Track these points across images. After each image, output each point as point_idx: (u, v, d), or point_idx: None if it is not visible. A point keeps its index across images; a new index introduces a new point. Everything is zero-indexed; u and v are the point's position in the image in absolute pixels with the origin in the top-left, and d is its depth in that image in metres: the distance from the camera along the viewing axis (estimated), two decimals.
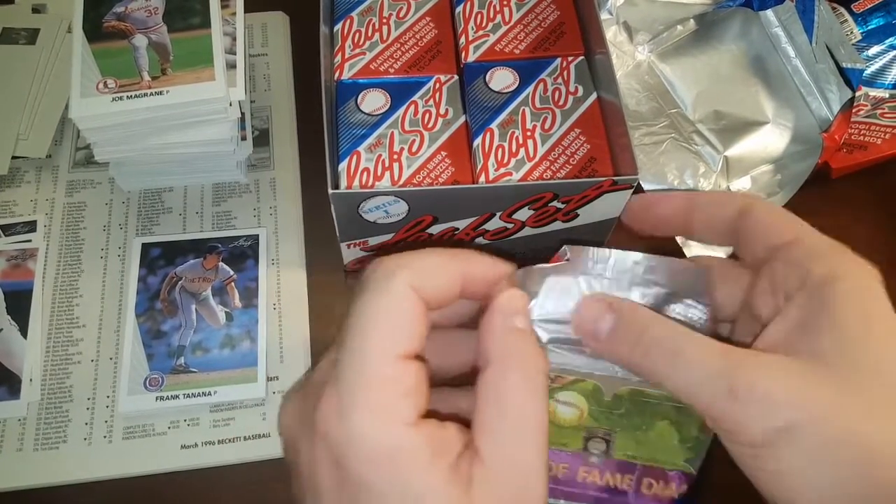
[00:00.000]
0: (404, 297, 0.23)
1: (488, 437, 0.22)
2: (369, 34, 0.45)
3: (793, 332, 0.24)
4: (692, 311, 0.26)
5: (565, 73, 0.44)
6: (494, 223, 0.40)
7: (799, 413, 0.22)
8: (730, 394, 0.22)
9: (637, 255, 0.27)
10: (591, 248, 0.26)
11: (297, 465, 0.24)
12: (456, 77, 0.44)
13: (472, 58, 0.44)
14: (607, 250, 0.27)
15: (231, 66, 0.44)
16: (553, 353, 0.27)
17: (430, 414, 0.23)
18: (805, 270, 0.25)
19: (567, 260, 0.26)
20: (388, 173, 0.40)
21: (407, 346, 0.22)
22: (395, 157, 0.40)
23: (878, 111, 0.48)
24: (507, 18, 0.46)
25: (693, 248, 0.46)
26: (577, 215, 0.40)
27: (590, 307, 0.26)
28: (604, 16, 0.51)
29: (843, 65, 0.46)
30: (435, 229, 0.40)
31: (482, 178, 0.40)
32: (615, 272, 0.27)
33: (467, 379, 0.26)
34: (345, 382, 0.22)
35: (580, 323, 0.26)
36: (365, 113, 0.42)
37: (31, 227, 0.47)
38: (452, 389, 0.26)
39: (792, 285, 0.25)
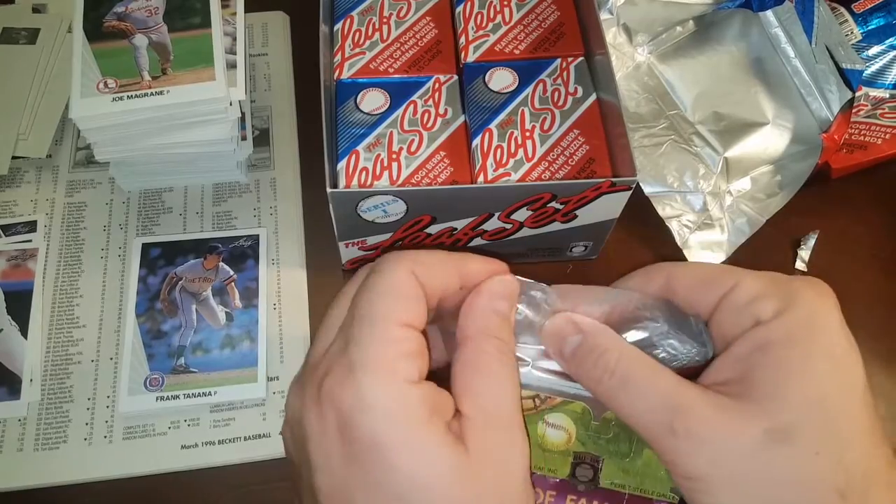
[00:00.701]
0: (407, 278, 0.25)
1: (469, 399, 0.25)
2: (369, 34, 0.45)
3: (733, 371, 0.25)
4: (686, 346, 0.26)
5: (565, 73, 0.44)
6: (493, 223, 0.40)
7: (724, 450, 0.23)
8: (669, 428, 0.23)
9: (636, 295, 0.28)
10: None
11: (302, 444, 0.25)
12: (455, 77, 0.44)
13: (471, 58, 0.44)
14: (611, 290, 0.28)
15: (231, 65, 0.44)
16: (540, 375, 0.27)
17: (429, 378, 0.25)
18: (744, 315, 0.25)
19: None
20: (386, 173, 0.40)
21: (410, 317, 0.25)
22: (394, 156, 0.40)
23: (879, 111, 0.48)
24: (507, 19, 0.46)
25: (693, 252, 0.46)
26: (576, 216, 0.40)
27: (558, 324, 0.27)
28: (604, 16, 0.51)
29: (843, 65, 0.46)
30: (433, 229, 0.40)
31: (481, 179, 0.40)
32: (613, 303, 0.27)
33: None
34: (354, 345, 0.24)
35: (548, 338, 0.27)
36: (364, 112, 0.42)
37: (31, 227, 0.48)
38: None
39: (733, 332, 0.25)
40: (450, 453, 0.23)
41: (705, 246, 0.47)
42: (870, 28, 0.49)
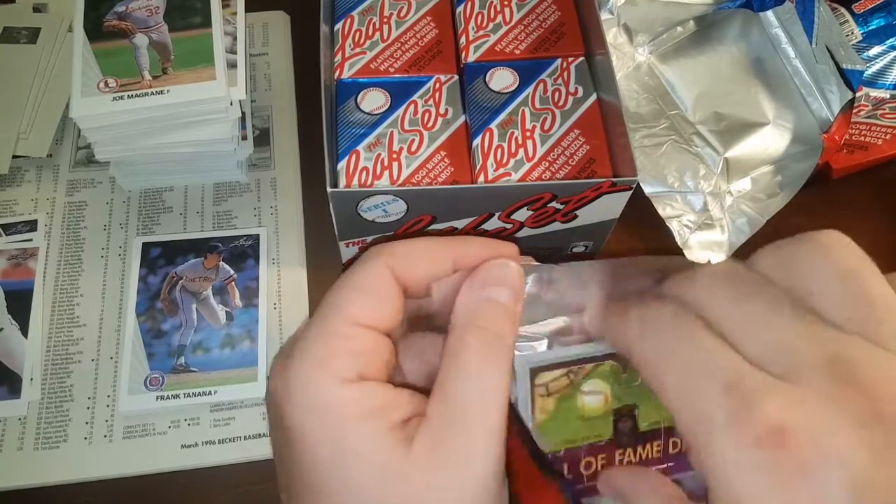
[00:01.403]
0: (379, 275, 0.24)
1: (437, 398, 0.22)
2: (370, 33, 0.45)
3: None
4: None
5: (565, 73, 0.44)
6: (493, 223, 0.40)
7: None
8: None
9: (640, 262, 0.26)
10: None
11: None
12: (456, 77, 0.44)
13: (472, 58, 0.44)
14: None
15: (232, 65, 0.44)
16: (564, 348, 0.26)
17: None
18: None
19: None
20: (387, 172, 0.40)
21: (371, 317, 0.23)
22: (395, 156, 0.40)
23: (879, 112, 0.48)
24: (507, 19, 0.46)
25: (693, 252, 0.46)
26: (576, 216, 0.40)
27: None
28: (605, 16, 0.51)
29: (843, 66, 0.46)
30: (434, 229, 0.40)
31: (481, 178, 0.40)
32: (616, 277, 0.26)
33: None
34: (300, 337, 0.23)
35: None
36: (364, 112, 0.42)
37: (31, 226, 0.48)
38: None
39: None
40: (380, 452, 0.21)
41: (705, 246, 0.46)
42: (870, 28, 0.49)
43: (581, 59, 0.44)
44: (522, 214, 0.39)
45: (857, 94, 0.46)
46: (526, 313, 0.25)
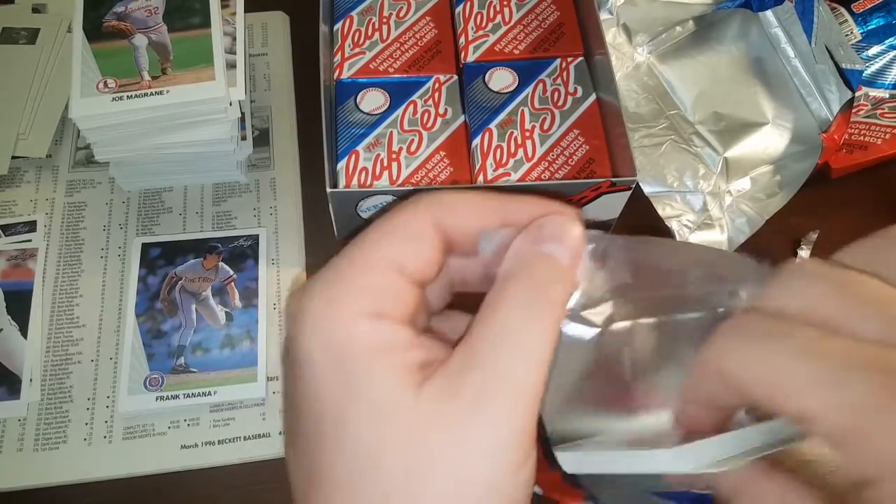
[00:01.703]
0: (418, 220, 0.21)
1: (463, 345, 0.19)
2: (369, 34, 0.45)
3: None
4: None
5: (565, 73, 0.44)
6: None
7: None
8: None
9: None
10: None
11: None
12: (455, 77, 0.44)
13: (471, 58, 0.44)
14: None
15: (231, 65, 0.44)
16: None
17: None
18: None
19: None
20: (386, 173, 0.40)
21: (401, 260, 0.21)
22: (394, 156, 0.40)
23: (878, 111, 0.48)
24: (506, 19, 0.46)
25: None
26: None
27: None
28: (604, 16, 0.51)
29: (843, 65, 0.46)
30: None
31: (480, 179, 0.40)
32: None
33: None
34: (326, 267, 0.21)
35: None
36: (364, 112, 0.42)
37: (31, 226, 0.48)
38: None
39: None
40: (387, 390, 0.19)
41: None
42: (869, 28, 0.49)
43: (580, 59, 0.44)
44: None
45: (857, 94, 0.46)
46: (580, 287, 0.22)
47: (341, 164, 0.40)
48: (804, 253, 0.47)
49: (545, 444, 0.23)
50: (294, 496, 0.21)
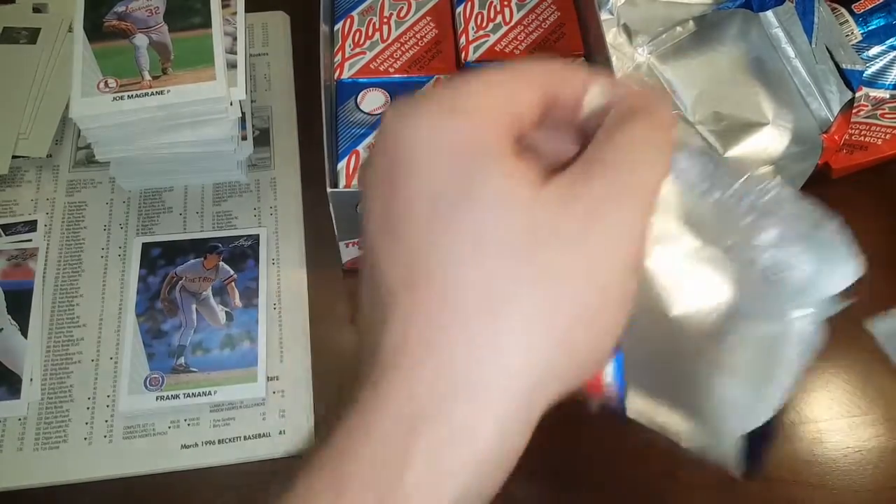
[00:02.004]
0: (530, 74, 0.21)
1: (581, 161, 0.19)
2: (369, 33, 0.45)
3: None
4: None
5: None
6: None
7: None
8: None
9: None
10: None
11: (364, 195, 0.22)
12: None
13: (472, 58, 0.44)
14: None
15: (232, 65, 0.44)
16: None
17: None
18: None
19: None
20: None
21: (517, 98, 0.20)
22: None
23: (879, 112, 0.48)
24: (507, 19, 0.46)
25: None
26: None
27: None
28: (604, 16, 0.51)
29: (843, 66, 0.46)
30: None
31: None
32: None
33: None
34: (431, 91, 0.21)
35: None
36: (364, 112, 0.42)
37: (31, 226, 0.48)
38: None
39: None
40: (508, 182, 0.18)
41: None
42: (870, 28, 0.49)
43: (581, 59, 0.44)
44: None
45: (857, 94, 0.46)
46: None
47: (341, 164, 0.40)
48: None
49: None
50: (369, 310, 0.21)
